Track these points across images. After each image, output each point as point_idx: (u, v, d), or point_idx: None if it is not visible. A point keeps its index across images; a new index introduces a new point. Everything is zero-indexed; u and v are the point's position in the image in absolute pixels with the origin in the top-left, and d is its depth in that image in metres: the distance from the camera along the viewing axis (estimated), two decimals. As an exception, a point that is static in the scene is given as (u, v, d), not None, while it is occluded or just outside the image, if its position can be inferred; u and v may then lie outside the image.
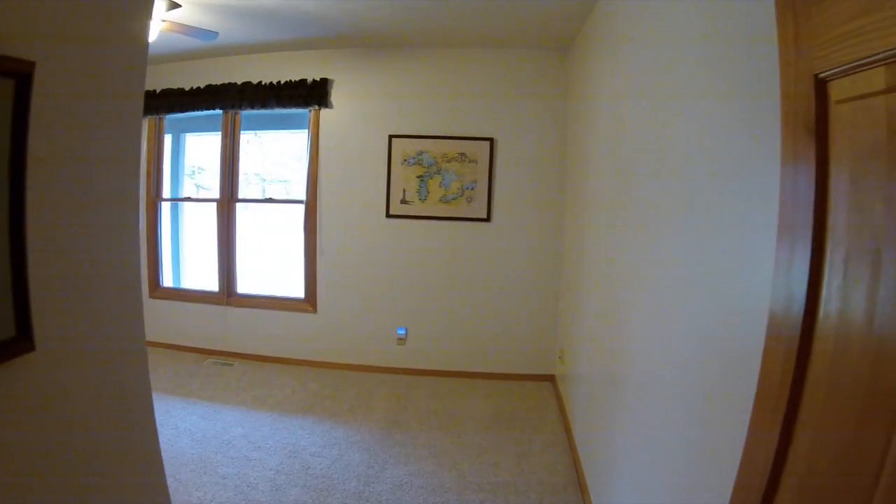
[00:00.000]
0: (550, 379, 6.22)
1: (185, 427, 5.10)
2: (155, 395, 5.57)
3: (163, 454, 4.50)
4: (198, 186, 7.27)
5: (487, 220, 6.20)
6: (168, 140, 7.32)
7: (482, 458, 4.63)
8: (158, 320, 7.25)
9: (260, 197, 7.27)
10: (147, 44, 1.97)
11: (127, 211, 1.90)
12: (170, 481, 4.10)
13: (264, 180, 7.29)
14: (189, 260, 7.64)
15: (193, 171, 7.36)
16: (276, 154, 7.20)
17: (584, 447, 4.22)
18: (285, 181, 7.03)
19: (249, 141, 7.11)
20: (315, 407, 5.60)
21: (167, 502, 2.20)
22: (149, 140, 7.06)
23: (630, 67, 3.21)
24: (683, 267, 2.21)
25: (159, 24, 4.35)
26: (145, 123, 7.01)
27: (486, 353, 6.35)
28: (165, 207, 7.43)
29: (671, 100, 2.41)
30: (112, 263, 1.84)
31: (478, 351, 6.36)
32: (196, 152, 7.42)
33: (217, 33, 4.76)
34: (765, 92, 1.56)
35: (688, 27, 2.26)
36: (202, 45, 5.93)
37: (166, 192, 7.38)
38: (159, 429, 4.84)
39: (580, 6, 4.62)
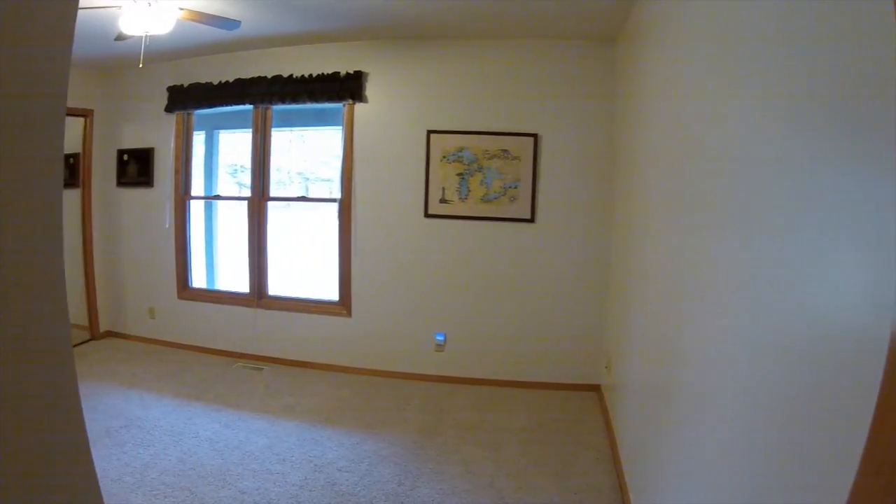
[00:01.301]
0: (596, 389, 6.01)
1: (207, 435, 5.01)
2: (178, 401, 5.56)
3: (181, 464, 4.47)
4: (240, 185, 7.22)
5: (531, 220, 6.00)
6: (201, 137, 7.31)
7: (521, 477, 4.41)
8: (186, 322, 7.28)
9: (302, 197, 7.16)
10: (72, 35, 1.82)
11: (42, 209, 1.78)
12: (185, 494, 4.08)
13: (307, 179, 7.19)
14: (223, 260, 7.63)
15: (236, 170, 7.33)
16: (318, 152, 7.09)
17: (630, 465, 4.05)
18: (328, 180, 6.89)
19: (292, 140, 7.07)
20: (346, 416, 5.45)
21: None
22: (176, 136, 7.05)
23: (688, 61, 3.07)
24: (749, 273, 2.06)
25: (176, 13, 4.25)
26: (173, 119, 7.01)
27: (529, 361, 6.15)
28: (198, 206, 7.43)
29: (740, 99, 2.26)
30: (28, 264, 1.75)
31: (520, 359, 6.17)
32: (237, 150, 7.40)
33: (239, 22, 4.65)
34: (862, 89, 1.41)
35: (760, 20, 2.11)
36: (229, 37, 5.83)
37: (199, 189, 7.37)
38: (179, 437, 4.83)
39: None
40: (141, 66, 5.39)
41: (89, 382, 6.18)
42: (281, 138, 6.98)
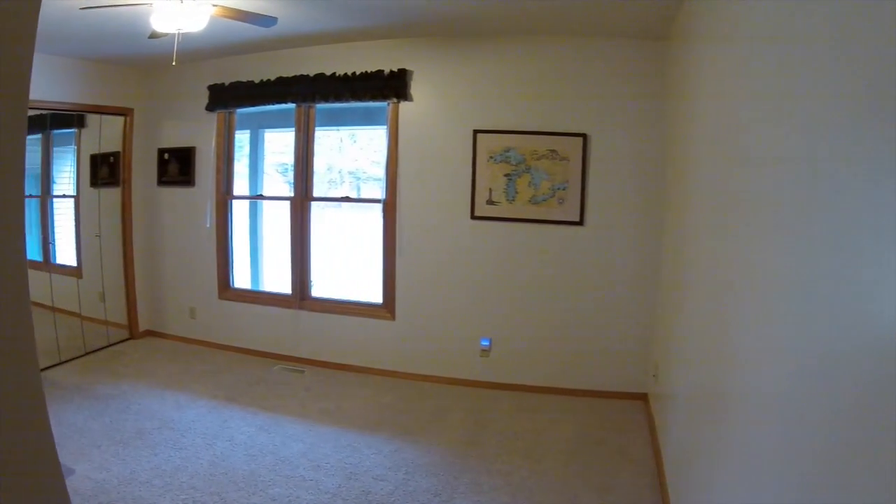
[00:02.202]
0: (643, 398, 5.87)
1: (242, 440, 4.99)
2: (214, 403, 5.51)
3: (212, 468, 4.45)
4: (290, 185, 7.14)
5: (580, 223, 5.88)
6: (246, 136, 7.36)
7: (562, 492, 4.29)
8: (227, 322, 7.32)
9: (353, 197, 7.16)
10: (33, 34, 1.82)
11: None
12: (214, 500, 4.07)
13: (359, 178, 7.18)
14: (269, 261, 7.65)
15: (287, 169, 7.31)
16: (369, 151, 7.07)
17: (674, 479, 3.95)
18: (380, 179, 6.78)
19: (343, 139, 7.10)
20: (386, 422, 5.39)
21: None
22: (218, 135, 7.07)
23: (738, 61, 3.02)
24: (799, 279, 2.00)
25: (209, 10, 4.21)
26: (214, 118, 7.06)
27: (575, 367, 6.05)
28: (243, 205, 7.49)
29: (795, 100, 2.19)
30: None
31: (566, 365, 6.07)
32: (285, 149, 7.37)
33: (275, 19, 4.59)
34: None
35: (817, 18, 2.02)
36: (269, 35, 5.79)
37: (243, 189, 7.42)
38: (213, 440, 4.78)
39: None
40: (174, 63, 5.39)
41: (124, 382, 6.25)
42: (332, 137, 7.00)
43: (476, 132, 5.99)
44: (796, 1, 2.23)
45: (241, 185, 7.42)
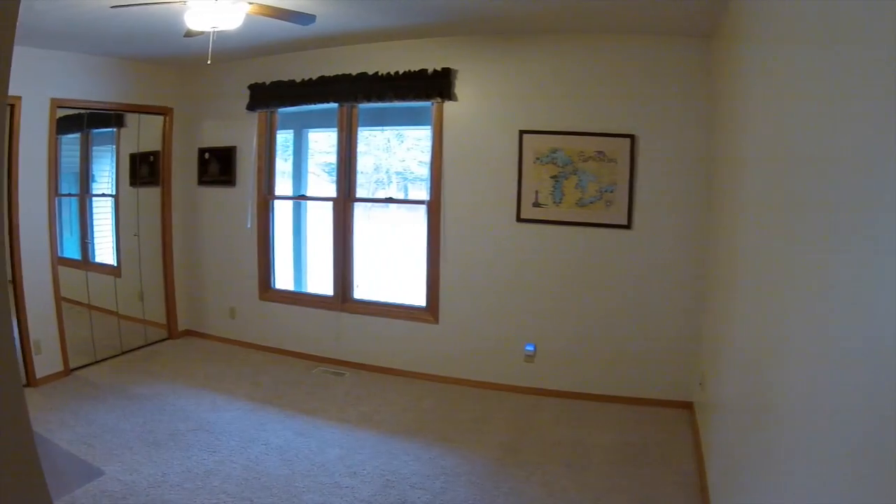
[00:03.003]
0: (688, 406, 5.76)
1: (277, 444, 4.96)
2: (251, 405, 5.47)
3: (246, 472, 4.44)
4: (335, 185, 7.12)
5: (628, 227, 5.78)
6: (289, 136, 7.39)
7: (603, 502, 4.20)
8: (267, 323, 7.35)
9: (399, 197, 7.15)
10: (14, 24, 1.67)
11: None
12: None
13: (406, 179, 7.16)
14: (312, 262, 7.67)
15: (332, 170, 7.29)
16: (415, 152, 7.04)
17: (717, 493, 3.88)
18: (426, 180, 6.74)
19: (390, 139, 7.08)
20: (426, 428, 5.34)
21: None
22: (259, 135, 7.11)
23: (790, 60, 2.96)
24: (855, 285, 1.93)
25: (244, 8, 4.18)
26: (255, 117, 7.09)
27: (620, 374, 5.96)
28: (286, 206, 7.51)
29: (849, 100, 2.11)
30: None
31: (610, 372, 5.98)
32: (329, 149, 7.39)
33: (314, 17, 4.56)
34: None
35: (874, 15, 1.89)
36: (310, 34, 5.79)
37: (285, 189, 7.46)
38: (248, 444, 4.76)
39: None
40: (209, 62, 5.42)
41: (160, 383, 6.29)
42: (379, 137, 7.02)
43: (522, 132, 5.93)
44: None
45: (284, 185, 7.45)
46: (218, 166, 7.43)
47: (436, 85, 6.06)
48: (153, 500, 4.02)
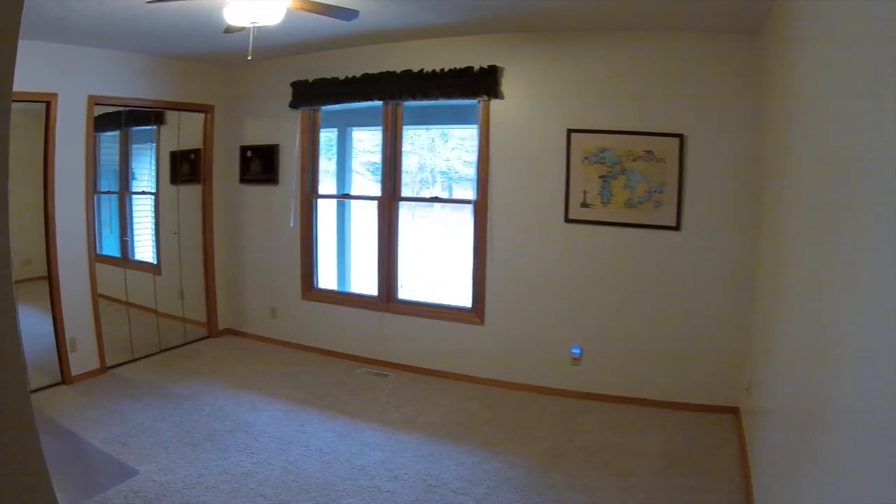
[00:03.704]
0: (734, 412, 5.67)
1: (317, 446, 4.94)
2: (291, 406, 5.42)
3: (284, 475, 4.42)
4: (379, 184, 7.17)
5: (676, 228, 5.70)
6: (333, 134, 7.43)
7: None
8: (309, 323, 7.37)
9: (435, 197, 7.16)
10: (17, 27, 1.67)
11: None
12: None
13: (451, 179, 7.19)
14: (357, 261, 7.68)
15: (376, 169, 7.33)
16: (460, 151, 7.06)
17: (764, 501, 3.78)
18: (471, 180, 6.76)
19: (435, 138, 7.09)
20: (470, 432, 5.29)
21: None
22: (302, 133, 7.14)
23: (841, 59, 2.91)
24: None
25: (285, 3, 4.14)
26: (298, 115, 7.12)
27: (665, 378, 5.89)
28: (330, 205, 7.55)
29: None
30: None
31: (656, 376, 5.92)
32: (374, 148, 7.44)
33: (357, 12, 4.52)
34: None
35: None
36: (354, 31, 5.83)
37: (331, 188, 7.49)
38: (287, 445, 4.73)
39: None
40: (249, 58, 5.39)
41: (199, 382, 6.33)
42: (424, 137, 7.02)
43: (570, 131, 5.88)
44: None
45: (328, 184, 7.49)
46: (260, 164, 7.47)
47: (482, 83, 6.02)
48: (188, 502, 4.03)
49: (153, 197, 7.21)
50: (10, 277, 1.79)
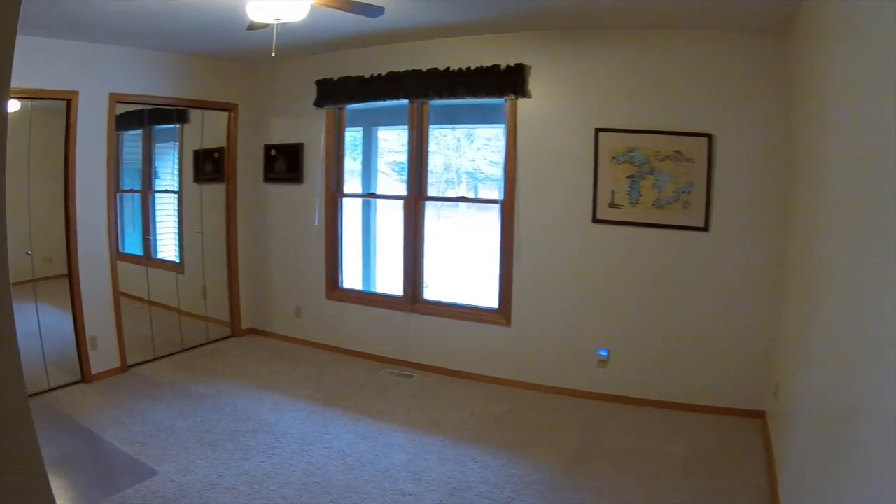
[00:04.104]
0: (760, 416, 5.61)
1: (340, 448, 4.92)
2: (314, 407, 5.39)
3: (305, 477, 4.41)
4: (405, 184, 7.16)
5: (705, 229, 5.65)
6: (359, 134, 7.44)
7: None
8: (334, 323, 7.38)
9: (461, 197, 7.18)
10: (15, 20, 1.77)
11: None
12: None
13: (476, 179, 7.21)
14: (382, 261, 7.70)
15: (402, 168, 7.32)
16: (486, 151, 7.07)
17: None
18: (497, 180, 6.76)
19: (460, 138, 7.09)
20: (495, 434, 5.25)
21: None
22: (327, 131, 7.14)
23: (874, 60, 2.85)
24: None
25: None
26: (322, 114, 7.13)
27: (692, 381, 5.84)
28: (355, 204, 7.56)
29: None
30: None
31: (682, 379, 5.87)
32: (399, 148, 7.47)
33: (382, 9, 4.49)
34: None
35: None
36: (379, 29, 5.81)
37: (356, 187, 7.51)
38: (309, 447, 4.73)
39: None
40: (273, 54, 5.34)
41: (221, 381, 6.34)
42: (449, 137, 7.03)
43: (598, 131, 5.85)
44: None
45: (353, 183, 7.52)
46: (285, 163, 7.50)
47: (509, 81, 6.00)
48: (206, 503, 4.02)
49: (176, 195, 7.25)
50: (8, 279, 1.79)
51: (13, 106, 5.64)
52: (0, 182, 1.75)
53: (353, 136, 7.41)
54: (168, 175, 7.26)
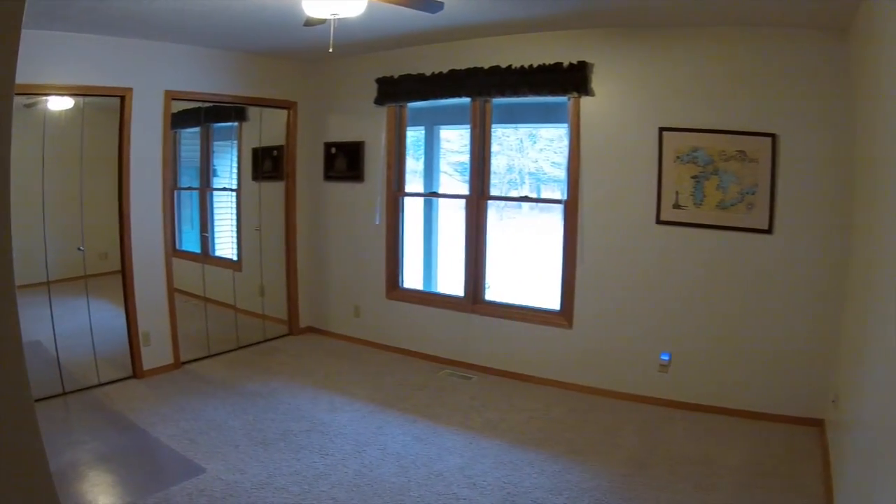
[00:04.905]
0: (819, 424, 5.51)
1: (395, 449, 4.94)
2: (370, 407, 5.42)
3: (358, 478, 4.46)
4: (467, 184, 7.21)
5: (769, 231, 5.54)
6: (421, 133, 7.48)
7: None
8: (393, 323, 7.43)
9: (524, 197, 7.19)
10: (19, 26, 1.73)
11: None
12: None
13: (539, 179, 7.22)
14: (444, 261, 7.73)
15: (464, 169, 7.30)
16: (548, 151, 7.07)
17: None
18: (559, 181, 6.85)
19: (523, 138, 7.10)
20: (552, 438, 5.21)
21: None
22: (388, 130, 7.20)
23: None
24: None
25: None
26: (383, 112, 7.18)
27: (751, 387, 5.74)
28: (417, 204, 7.57)
29: None
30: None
31: (742, 385, 5.77)
32: (461, 147, 7.49)
33: (442, 4, 4.46)
34: None
35: None
36: (440, 26, 5.84)
37: (418, 187, 7.53)
38: (363, 447, 4.81)
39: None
40: (330, 50, 5.42)
41: (276, 380, 6.40)
42: (512, 137, 7.04)
43: (661, 130, 5.80)
44: None
45: (414, 183, 7.55)
46: (345, 161, 7.57)
47: (572, 79, 5.98)
48: (255, 502, 4.04)
49: (234, 193, 7.40)
50: (13, 280, 1.81)
51: (66, 103, 5.81)
52: (4, 183, 1.76)
53: (415, 136, 7.47)
54: (226, 173, 7.39)
